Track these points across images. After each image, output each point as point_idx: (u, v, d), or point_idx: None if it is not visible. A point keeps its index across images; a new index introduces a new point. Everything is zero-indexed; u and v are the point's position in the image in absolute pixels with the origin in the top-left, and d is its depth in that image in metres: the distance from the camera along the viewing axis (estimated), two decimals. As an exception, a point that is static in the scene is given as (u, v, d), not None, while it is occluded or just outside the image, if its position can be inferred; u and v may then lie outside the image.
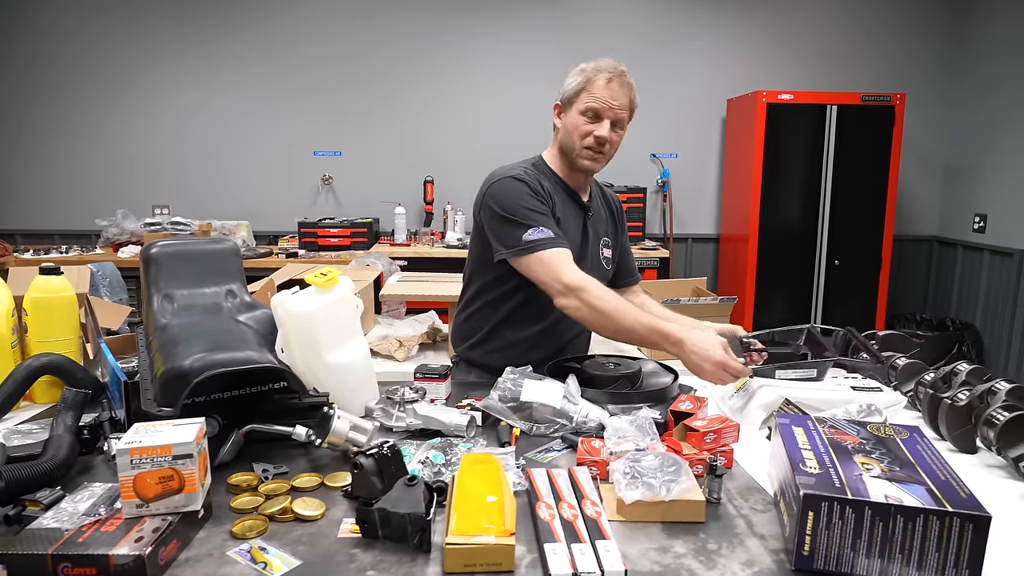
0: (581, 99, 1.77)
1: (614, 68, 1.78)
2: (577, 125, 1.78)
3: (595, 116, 1.76)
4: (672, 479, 1.10)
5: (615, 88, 1.76)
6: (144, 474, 0.99)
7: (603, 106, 1.75)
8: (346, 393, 1.49)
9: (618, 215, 2.06)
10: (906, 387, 1.60)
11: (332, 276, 1.48)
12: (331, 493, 1.19)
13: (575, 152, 1.80)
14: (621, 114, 1.77)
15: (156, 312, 1.48)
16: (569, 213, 1.85)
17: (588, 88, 1.76)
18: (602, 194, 2.04)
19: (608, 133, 1.76)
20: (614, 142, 1.79)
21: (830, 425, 1.19)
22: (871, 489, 0.96)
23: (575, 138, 1.79)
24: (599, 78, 1.75)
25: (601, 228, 1.96)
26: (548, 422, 1.43)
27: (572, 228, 1.84)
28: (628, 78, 1.80)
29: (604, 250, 1.95)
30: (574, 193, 1.88)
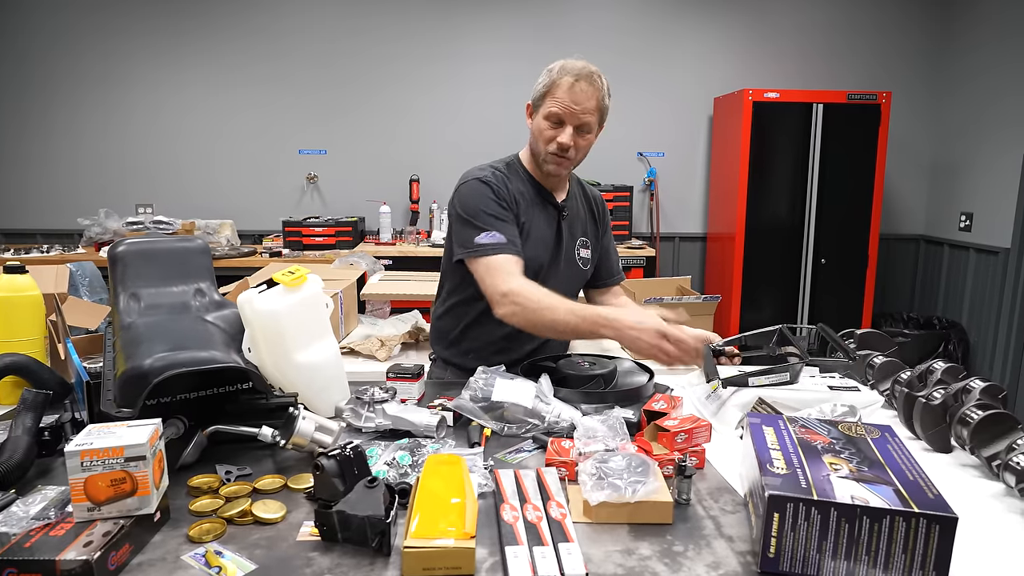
0: (546, 103, 1.71)
1: (580, 70, 1.69)
2: (541, 130, 1.73)
3: (558, 121, 1.70)
4: (639, 480, 1.08)
5: (580, 91, 1.67)
6: (95, 476, 0.96)
7: (566, 111, 1.68)
8: (315, 393, 1.47)
9: (600, 215, 2.02)
10: (883, 386, 1.58)
11: (300, 275, 1.45)
12: (294, 495, 1.17)
13: (540, 157, 1.78)
14: (586, 118, 1.70)
15: (122, 311, 1.45)
16: (541, 213, 1.83)
17: (552, 91, 1.69)
18: (583, 193, 1.99)
19: (571, 139, 1.70)
20: (580, 147, 1.74)
21: (801, 425, 1.17)
22: (838, 490, 0.94)
23: (541, 144, 1.75)
24: (563, 81, 1.67)
25: (578, 228, 1.92)
26: (520, 422, 1.41)
27: (543, 228, 1.82)
28: (597, 79, 1.71)
29: (581, 250, 1.91)
30: (547, 194, 1.85)
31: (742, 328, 4.50)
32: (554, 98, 1.68)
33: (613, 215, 4.67)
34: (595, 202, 2.02)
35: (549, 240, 1.83)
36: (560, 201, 1.87)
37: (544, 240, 1.82)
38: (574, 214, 1.91)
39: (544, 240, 1.82)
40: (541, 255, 1.81)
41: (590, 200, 2.01)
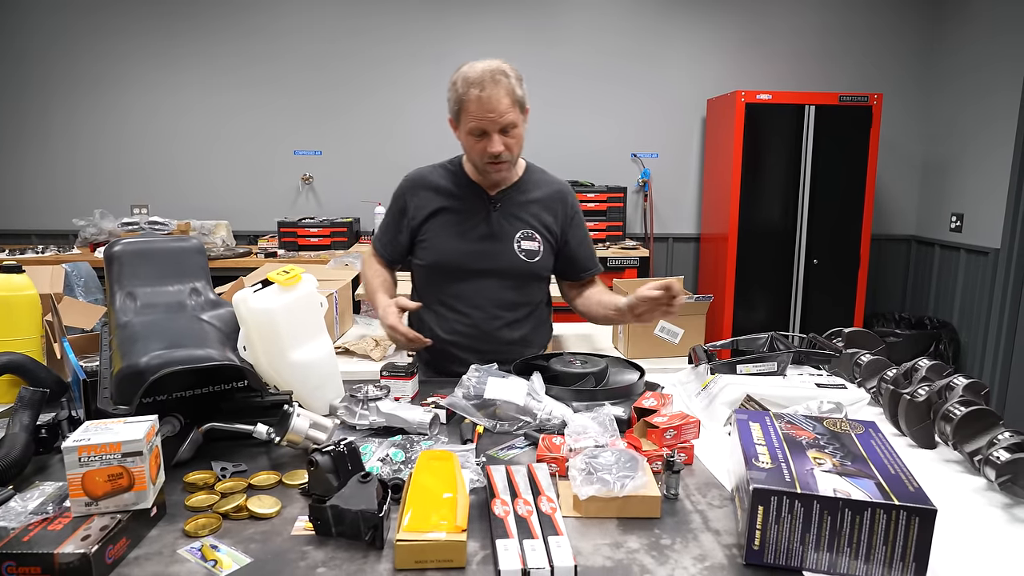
0: (463, 120, 1.74)
1: (482, 75, 1.68)
2: (471, 145, 1.77)
3: (481, 133, 1.73)
4: (628, 475, 1.10)
5: (489, 97, 1.67)
6: (93, 472, 0.98)
7: (484, 122, 1.70)
8: (309, 391, 1.48)
9: (563, 207, 1.95)
10: (869, 383, 1.61)
11: (295, 274, 1.47)
12: (289, 491, 1.18)
13: (479, 170, 1.83)
14: (506, 119, 1.71)
15: (118, 310, 1.46)
16: (468, 207, 1.88)
17: (464, 108, 1.71)
18: (540, 184, 1.94)
19: (499, 145, 1.73)
20: (511, 144, 1.75)
21: (787, 421, 1.20)
22: (821, 483, 0.97)
23: (474, 157, 1.80)
24: (470, 95, 1.68)
25: (520, 221, 1.88)
26: (512, 419, 1.43)
27: (470, 221, 1.87)
28: (502, 76, 1.69)
29: (524, 242, 1.88)
30: (480, 190, 1.89)
31: (735, 328, 4.53)
32: (468, 114, 1.71)
33: (607, 216, 4.70)
34: (559, 195, 1.95)
35: (474, 232, 1.86)
36: (494, 194, 1.89)
37: (466, 232, 1.86)
38: (516, 207, 1.89)
39: (466, 232, 1.86)
40: (462, 245, 1.86)
41: (550, 193, 1.95)
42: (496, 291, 1.88)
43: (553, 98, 4.91)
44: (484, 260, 1.86)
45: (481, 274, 1.87)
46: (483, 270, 1.87)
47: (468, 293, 1.87)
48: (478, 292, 1.87)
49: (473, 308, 1.88)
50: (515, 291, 1.91)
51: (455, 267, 1.87)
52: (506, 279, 1.89)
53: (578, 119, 4.95)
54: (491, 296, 1.88)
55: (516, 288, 1.91)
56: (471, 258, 1.86)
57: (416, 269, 1.98)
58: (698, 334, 2.88)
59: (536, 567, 0.92)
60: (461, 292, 1.88)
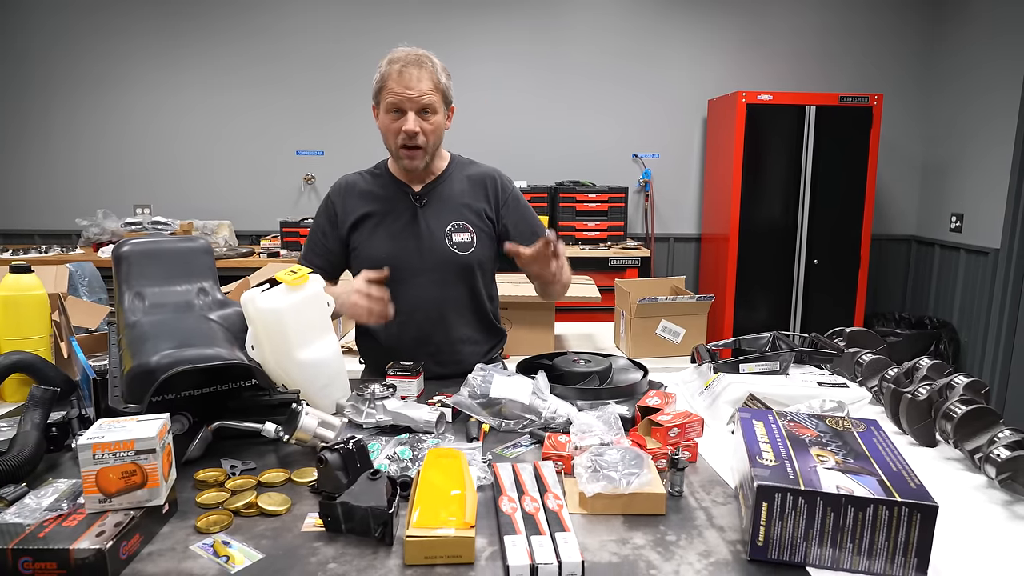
0: (383, 97, 1.74)
1: (406, 55, 1.71)
2: (387, 125, 1.76)
3: (398, 111, 1.72)
4: (633, 472, 1.12)
5: (410, 76, 1.69)
6: (106, 469, 0.99)
7: (402, 98, 1.69)
8: (316, 390, 1.50)
9: (493, 191, 1.90)
10: (871, 382, 1.62)
11: (302, 274, 1.49)
12: (298, 488, 1.20)
13: (393, 154, 1.81)
14: (425, 100, 1.70)
15: (127, 310, 1.48)
16: (395, 207, 1.85)
17: (385, 84, 1.72)
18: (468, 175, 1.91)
19: (415, 124, 1.71)
20: (427, 130, 1.74)
21: (790, 419, 1.21)
22: (824, 480, 0.98)
23: (389, 140, 1.78)
24: (391, 71, 1.70)
25: (448, 213, 1.85)
26: (517, 418, 1.45)
27: (398, 222, 1.84)
28: (426, 60, 1.72)
29: (455, 235, 1.84)
30: (405, 187, 1.87)
31: (736, 327, 4.55)
32: (388, 90, 1.71)
33: (608, 216, 4.71)
34: (485, 178, 1.92)
35: (402, 232, 1.83)
36: (418, 190, 1.86)
37: (395, 233, 1.83)
38: (440, 200, 1.86)
39: (395, 233, 1.83)
40: (392, 247, 1.82)
41: (477, 179, 1.91)
42: (433, 289, 1.83)
43: (554, 98, 4.92)
44: (416, 259, 1.82)
45: (416, 273, 1.81)
46: (417, 269, 1.82)
47: (406, 295, 1.79)
48: (415, 293, 1.81)
49: (414, 310, 1.82)
50: (453, 287, 1.86)
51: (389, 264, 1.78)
52: (442, 276, 1.83)
53: (579, 119, 4.97)
54: (429, 296, 1.83)
55: (454, 284, 1.85)
56: (403, 259, 1.81)
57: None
58: (699, 334, 2.90)
59: (544, 562, 0.93)
60: (398, 295, 1.76)
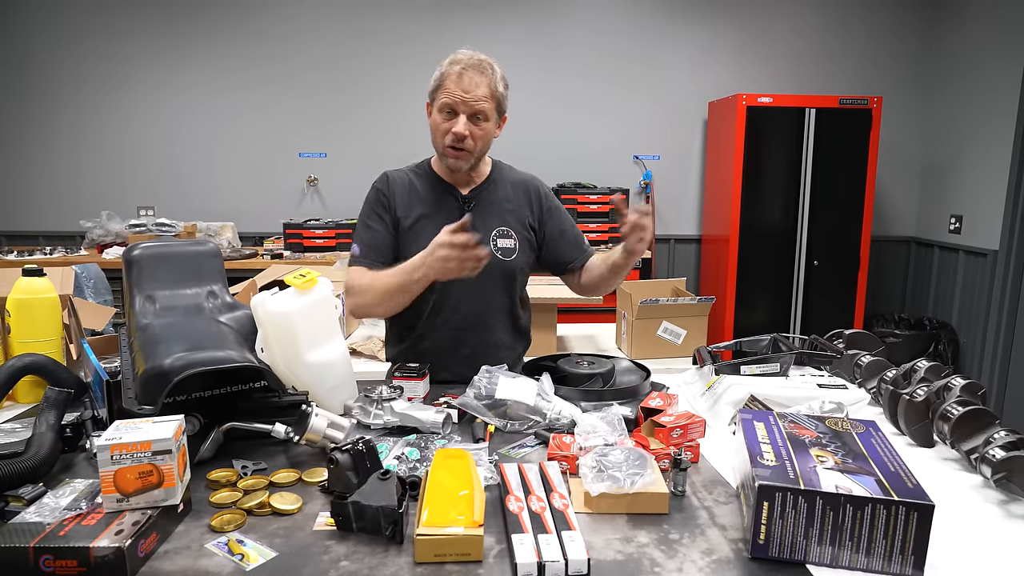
0: (438, 96, 1.73)
1: (468, 58, 1.71)
2: (437, 123, 1.76)
3: (451, 112, 1.72)
4: (637, 472, 1.14)
5: (469, 79, 1.69)
6: (124, 469, 1.02)
7: (456, 100, 1.70)
8: (325, 391, 1.52)
9: (536, 199, 1.94)
10: (870, 384, 1.65)
11: (311, 277, 1.51)
12: (308, 488, 1.22)
13: (440, 152, 1.80)
14: (479, 105, 1.71)
15: (138, 313, 1.50)
16: (441, 210, 1.83)
17: (443, 84, 1.72)
18: (511, 181, 1.93)
19: (465, 127, 1.71)
20: (476, 135, 1.74)
21: (791, 420, 1.24)
22: (823, 480, 1.01)
23: (438, 138, 1.78)
24: (452, 71, 1.70)
25: (493, 218, 1.86)
26: (522, 419, 1.47)
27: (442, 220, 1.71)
28: (487, 67, 1.72)
29: (499, 240, 1.86)
30: (451, 188, 1.87)
31: (736, 328, 4.57)
32: (445, 90, 1.71)
33: (609, 218, 4.73)
34: (527, 186, 1.95)
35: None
36: (466, 193, 1.86)
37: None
38: (487, 204, 1.87)
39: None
40: None
41: (520, 186, 1.94)
42: (474, 294, 1.83)
43: (556, 100, 4.95)
44: None
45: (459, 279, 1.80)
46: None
47: (447, 298, 1.82)
48: (457, 297, 1.82)
49: (453, 312, 1.84)
50: (494, 292, 1.88)
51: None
52: (484, 281, 1.79)
53: (580, 121, 5.00)
54: (469, 300, 1.84)
55: (495, 289, 1.87)
56: None
57: None
58: (700, 335, 2.93)
59: (551, 560, 0.95)
60: (441, 297, 1.82)
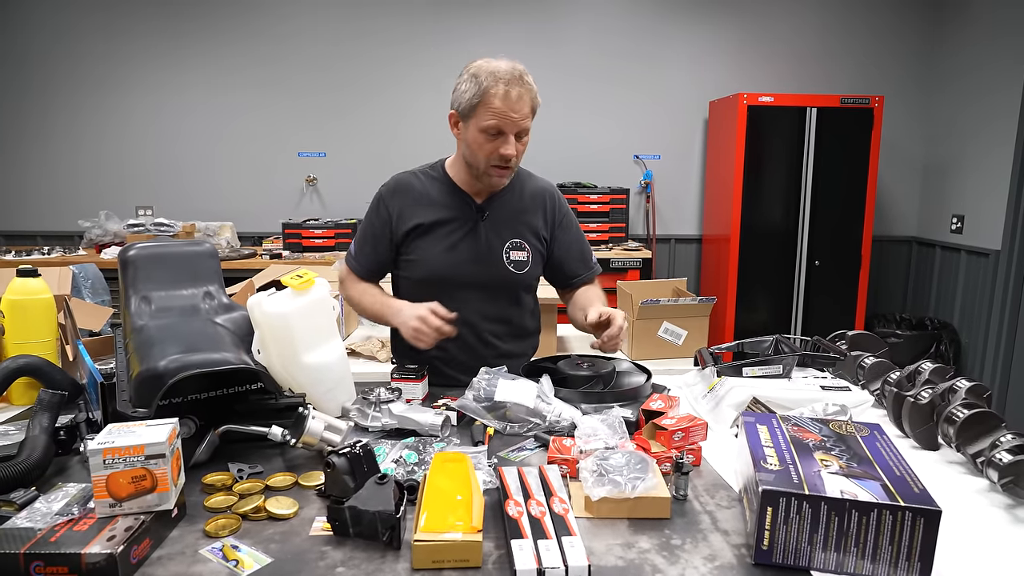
0: (480, 114, 1.61)
1: (511, 73, 1.60)
2: (480, 143, 1.65)
3: (498, 132, 1.62)
4: (639, 476, 1.13)
5: (515, 97, 1.59)
6: (117, 474, 1.00)
7: (506, 121, 1.60)
8: (322, 393, 1.50)
9: (552, 209, 1.87)
10: (873, 386, 1.63)
11: (308, 278, 1.49)
12: (305, 492, 1.21)
13: (481, 170, 1.70)
14: (525, 123, 1.64)
15: (133, 314, 1.49)
16: (456, 218, 1.78)
17: (486, 101, 1.59)
18: (526, 189, 1.86)
19: (513, 148, 1.64)
20: (520, 152, 1.69)
21: (794, 423, 1.22)
22: (828, 485, 0.99)
23: (480, 157, 1.67)
24: (496, 90, 1.58)
25: (507, 230, 1.81)
26: (521, 421, 1.46)
27: (458, 233, 1.77)
28: (528, 79, 1.63)
29: (512, 253, 1.80)
30: (467, 197, 1.80)
31: (737, 328, 4.56)
32: (490, 109, 1.59)
33: (609, 217, 4.72)
34: (548, 200, 1.87)
35: (461, 244, 1.78)
36: (480, 203, 1.80)
37: (454, 245, 1.77)
38: (502, 215, 1.81)
39: (454, 245, 1.77)
40: (449, 259, 1.77)
41: (536, 195, 1.86)
42: (483, 305, 1.81)
43: (556, 99, 4.93)
44: (473, 274, 1.78)
45: (468, 287, 1.79)
46: (471, 284, 1.79)
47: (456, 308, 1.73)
48: (466, 307, 1.76)
49: (460, 324, 1.75)
50: (503, 303, 1.84)
51: (444, 282, 1.78)
52: (494, 292, 1.82)
53: (580, 121, 4.98)
54: (478, 310, 1.80)
55: (504, 300, 1.84)
56: (460, 272, 1.78)
57: (402, 283, 1.88)
58: (701, 335, 2.91)
59: (551, 566, 0.94)
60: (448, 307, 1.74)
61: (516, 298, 1.87)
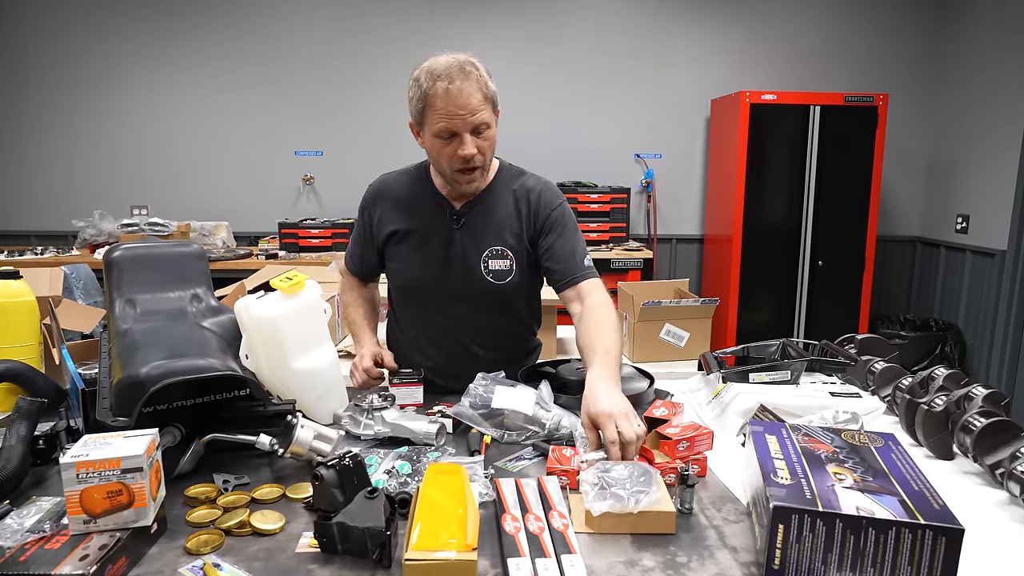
0: (429, 119, 1.50)
1: (450, 67, 1.47)
2: (438, 149, 1.54)
3: (451, 134, 1.50)
4: (642, 490, 1.07)
5: (458, 92, 1.46)
6: (91, 489, 0.95)
7: (455, 121, 1.48)
8: (313, 400, 1.46)
9: (535, 212, 1.67)
10: (884, 392, 1.58)
11: (298, 280, 1.44)
12: (293, 505, 1.15)
13: (448, 178, 1.60)
14: (479, 117, 1.49)
15: (118, 317, 1.43)
16: (436, 224, 1.67)
17: (430, 104, 1.48)
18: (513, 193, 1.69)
19: (472, 147, 1.51)
20: (484, 148, 1.54)
21: (804, 433, 1.17)
22: (843, 501, 0.94)
23: (442, 164, 1.57)
24: (436, 89, 1.46)
25: (487, 236, 1.66)
26: (520, 429, 1.40)
27: (432, 242, 1.67)
28: (472, 68, 1.49)
29: (491, 262, 1.65)
30: (445, 202, 1.68)
31: (739, 330, 4.50)
32: (435, 111, 1.48)
33: (610, 217, 4.66)
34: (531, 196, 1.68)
35: (435, 255, 1.67)
36: (459, 208, 1.67)
37: (427, 257, 1.67)
38: (480, 221, 1.67)
39: (427, 257, 1.67)
40: (422, 272, 1.68)
41: (521, 196, 1.69)
42: (467, 318, 1.70)
43: (555, 98, 4.88)
44: (449, 286, 1.67)
45: (449, 300, 1.69)
46: (450, 296, 1.69)
47: (439, 322, 1.72)
48: (449, 321, 1.71)
49: (446, 338, 1.73)
50: (488, 316, 1.71)
51: (422, 294, 1.71)
52: (477, 303, 1.69)
53: (581, 119, 4.92)
54: (463, 324, 1.71)
55: (489, 313, 1.71)
56: (436, 284, 1.68)
57: (391, 288, 1.82)
58: (704, 338, 2.85)
59: (550, 588, 0.89)
60: (433, 321, 1.73)
61: (504, 308, 1.73)
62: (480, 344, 1.73)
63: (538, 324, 1.90)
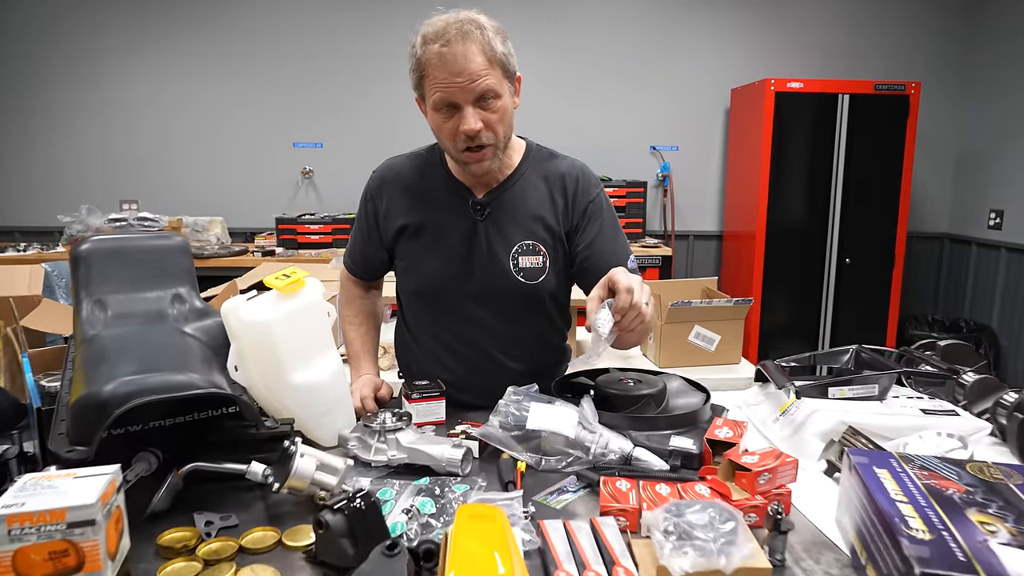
0: (427, 90, 1.31)
1: (446, 28, 1.27)
2: (439, 124, 1.34)
3: (451, 106, 1.30)
4: (729, 540, 0.85)
5: (455, 57, 1.25)
6: (28, 549, 0.73)
7: (452, 89, 1.27)
8: (314, 418, 1.24)
9: (572, 200, 1.47)
10: (976, 408, 1.36)
11: (297, 278, 1.22)
12: (290, 556, 0.93)
13: (454, 157, 1.40)
14: (483, 84, 1.27)
15: (84, 321, 1.21)
16: (453, 215, 1.46)
17: (426, 73, 1.29)
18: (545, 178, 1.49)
19: (476, 119, 1.29)
20: (493, 122, 1.32)
21: (920, 466, 0.95)
22: (1007, 563, 0.72)
23: (446, 142, 1.37)
24: (430, 55, 1.27)
25: (516, 230, 1.45)
26: (560, 454, 1.19)
27: (452, 235, 1.46)
28: (471, 28, 1.27)
29: (522, 259, 1.45)
30: (464, 190, 1.47)
31: (762, 332, 4.29)
32: (431, 80, 1.29)
33: (626, 212, 4.43)
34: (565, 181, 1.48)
35: (456, 251, 1.46)
36: (481, 196, 1.46)
37: (448, 254, 1.46)
38: (507, 213, 1.46)
39: (448, 254, 1.46)
40: (442, 270, 1.47)
41: (555, 181, 1.48)
42: (492, 324, 1.49)
43: (568, 89, 4.67)
44: (473, 287, 1.46)
45: (472, 303, 1.48)
46: (473, 299, 1.47)
47: (460, 329, 1.50)
48: (471, 327, 1.49)
49: (467, 347, 1.51)
50: (518, 321, 1.50)
51: (439, 297, 1.49)
52: (505, 306, 1.48)
53: (594, 111, 4.71)
54: (487, 331, 1.49)
55: (520, 315, 1.50)
56: (456, 285, 1.46)
57: (400, 294, 1.60)
58: (736, 340, 2.65)
59: None
60: (451, 327, 1.50)
61: (536, 311, 1.52)
62: (507, 353, 1.50)
63: (568, 328, 1.68)
